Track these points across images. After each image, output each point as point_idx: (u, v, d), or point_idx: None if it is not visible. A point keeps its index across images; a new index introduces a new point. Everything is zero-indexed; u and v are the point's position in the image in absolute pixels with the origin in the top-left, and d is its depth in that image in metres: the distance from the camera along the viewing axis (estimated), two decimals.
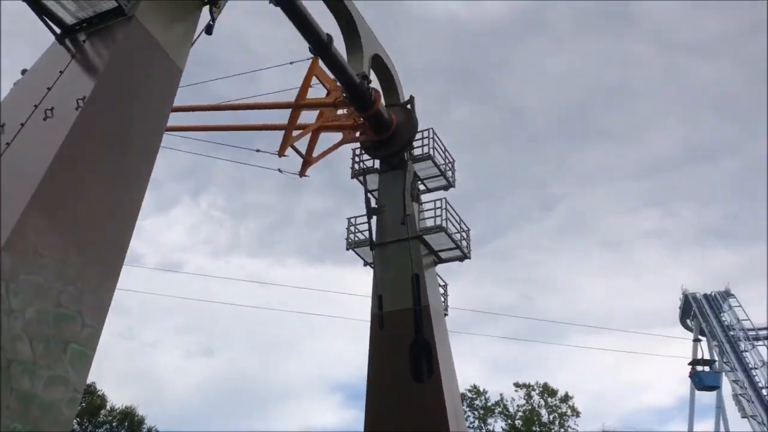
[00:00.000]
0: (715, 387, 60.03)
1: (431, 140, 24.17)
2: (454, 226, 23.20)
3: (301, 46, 19.26)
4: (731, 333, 60.81)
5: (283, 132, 20.80)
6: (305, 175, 22.14)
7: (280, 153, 20.94)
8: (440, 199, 23.25)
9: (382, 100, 22.42)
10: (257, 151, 21.55)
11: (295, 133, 21.08)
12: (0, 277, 8.10)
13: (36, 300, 8.55)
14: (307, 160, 21.89)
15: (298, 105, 20.44)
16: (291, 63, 20.38)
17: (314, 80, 20.28)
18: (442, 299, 23.77)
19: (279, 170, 22.06)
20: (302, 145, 21.68)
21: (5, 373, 7.86)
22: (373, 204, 23.11)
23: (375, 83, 22.66)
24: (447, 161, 24.99)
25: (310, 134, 21.57)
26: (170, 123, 15.24)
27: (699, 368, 59.36)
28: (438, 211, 22.86)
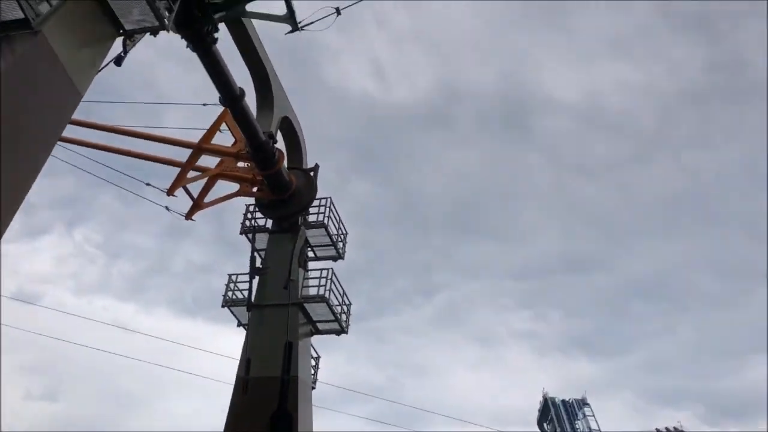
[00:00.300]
0: None
1: (328, 209, 24.22)
2: (336, 298, 23.03)
3: (210, 95, 19.06)
4: None
5: (177, 170, 20.26)
6: (191, 219, 21.47)
7: (170, 191, 20.30)
8: (327, 269, 23.11)
9: (285, 162, 22.38)
10: (147, 184, 20.80)
11: (192, 174, 20.58)
12: None
13: None
14: (198, 204, 21.28)
15: (201, 148, 20.03)
16: (204, 105, 20.09)
17: (224, 127, 20.05)
18: (312, 371, 23.28)
19: (166, 208, 21.32)
20: (195, 188, 21.16)
21: None
22: (258, 264, 22.64)
23: (281, 144, 22.65)
24: (340, 233, 25.05)
25: (206, 179, 21.09)
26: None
27: None
28: (323, 281, 22.66)
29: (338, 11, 15.13)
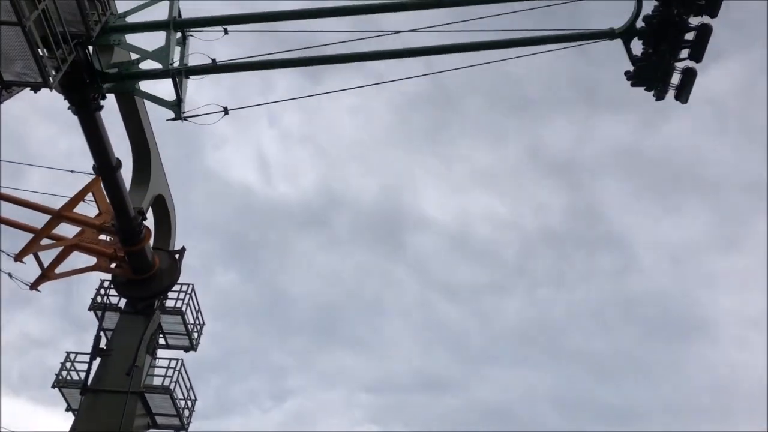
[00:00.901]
0: None
1: (188, 296, 23.30)
2: (182, 391, 21.71)
3: (84, 160, 18.32)
4: None
5: (31, 236, 18.95)
6: (37, 290, 19.90)
7: (19, 257, 18.87)
8: (177, 360, 21.86)
9: (151, 240, 21.54)
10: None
11: (46, 242, 19.28)
12: None
13: None
14: (46, 274, 19.81)
15: (62, 215, 18.93)
16: (72, 171, 19.17)
17: (90, 197, 19.15)
18: None
19: (9, 275, 19.60)
20: (48, 257, 19.76)
21: None
22: (103, 344, 21.10)
23: (150, 222, 21.86)
24: (197, 323, 24.01)
25: (61, 248, 19.79)
26: None
27: None
28: (170, 372, 21.37)
29: (226, 111, 15.23)
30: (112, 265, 21.03)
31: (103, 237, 20.47)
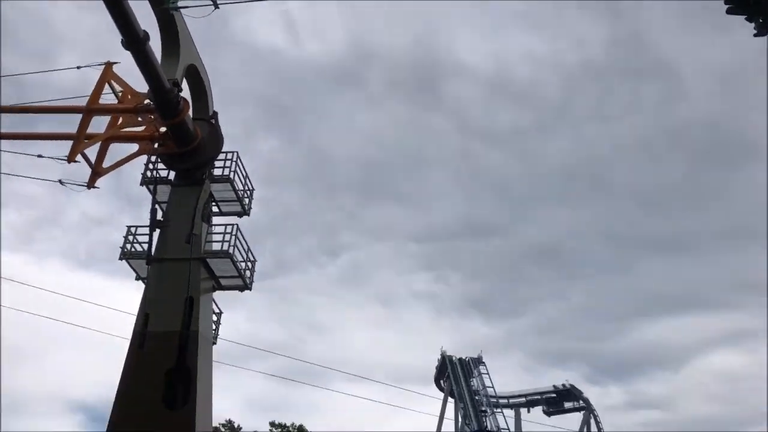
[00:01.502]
0: None
1: (234, 163, 23.68)
2: (241, 254, 22.69)
3: (111, 38, 18.06)
4: (476, 398, 65.86)
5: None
6: (94, 186, 20.28)
7: (71, 158, 19.08)
8: (232, 225, 22.67)
9: (190, 111, 21.63)
10: (39, 156, 19.48)
11: (89, 141, 19.47)
12: None
13: None
14: (97, 171, 20.12)
15: (90, 109, 18.84)
16: (78, 68, 18.90)
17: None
18: (214, 327, 22.99)
19: (60, 182, 20.01)
20: (93, 153, 20.02)
21: None
22: (159, 216, 21.91)
23: (186, 94, 21.81)
24: (246, 188, 24.59)
25: (100, 143, 19.96)
26: None
27: None
28: (227, 237, 22.24)
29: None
30: (156, 146, 21.31)
31: (141, 119, 20.51)
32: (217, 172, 23.39)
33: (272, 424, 69.47)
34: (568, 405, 73.02)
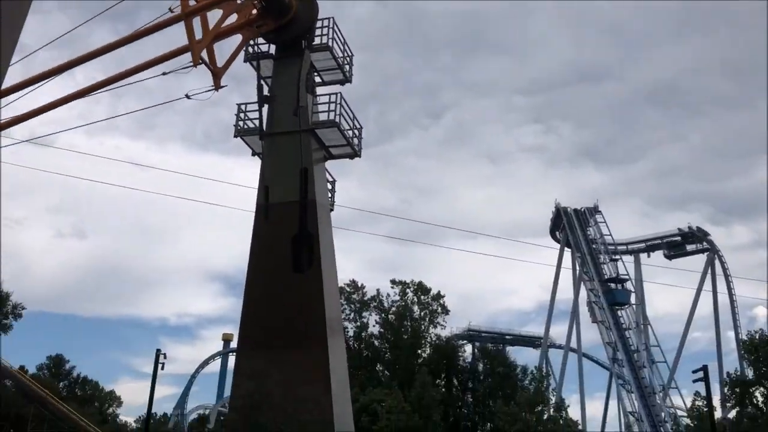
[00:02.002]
0: (625, 303, 64.64)
1: (331, 30, 23.42)
2: (347, 122, 23.00)
3: None
4: (593, 246, 65.68)
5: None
6: (221, 87, 20.33)
7: (195, 62, 19.24)
8: (335, 94, 22.84)
9: None
10: (164, 74, 19.73)
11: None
12: None
13: None
14: (216, 73, 20.26)
15: (188, 13, 18.74)
16: None
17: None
18: (329, 195, 23.88)
19: (187, 96, 20.34)
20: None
21: None
22: (266, 92, 22.36)
23: None
24: (345, 55, 24.43)
25: (211, 42, 20.01)
26: None
27: (612, 286, 63.36)
28: (332, 106, 22.50)
29: None
30: (255, 28, 21.27)
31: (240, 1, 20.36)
32: (315, 41, 23.27)
33: (393, 281, 73.06)
34: (690, 248, 71.52)
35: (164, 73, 19.34)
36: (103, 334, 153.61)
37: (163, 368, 27.70)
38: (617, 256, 66.17)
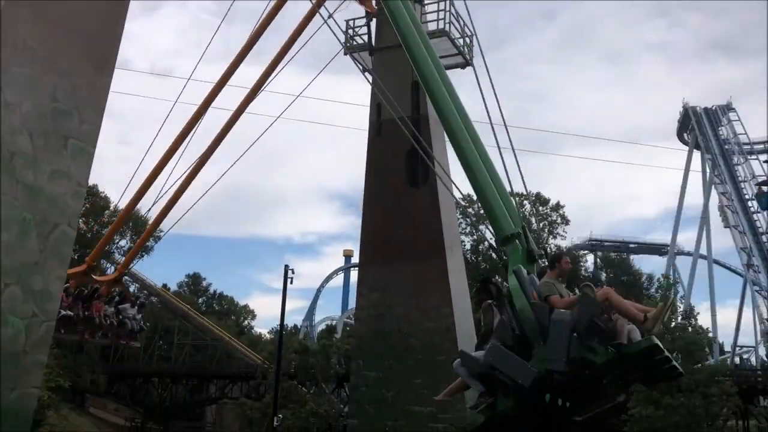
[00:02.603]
0: None
1: None
2: (457, 30, 22.32)
3: None
4: (726, 147, 61.40)
5: None
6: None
7: None
8: (444, 1, 22.13)
9: None
10: None
11: None
12: None
13: (31, 93, 8.42)
14: None
15: None
16: None
17: None
18: None
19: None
20: None
21: (8, 165, 7.94)
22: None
23: None
24: None
25: None
26: None
27: (765, 189, 59.44)
28: (441, 14, 21.86)
29: None
30: None
31: None
32: None
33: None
34: None
35: None
36: (235, 252, 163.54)
37: (291, 283, 29.21)
38: (753, 156, 61.65)
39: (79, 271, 16.88)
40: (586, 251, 77.80)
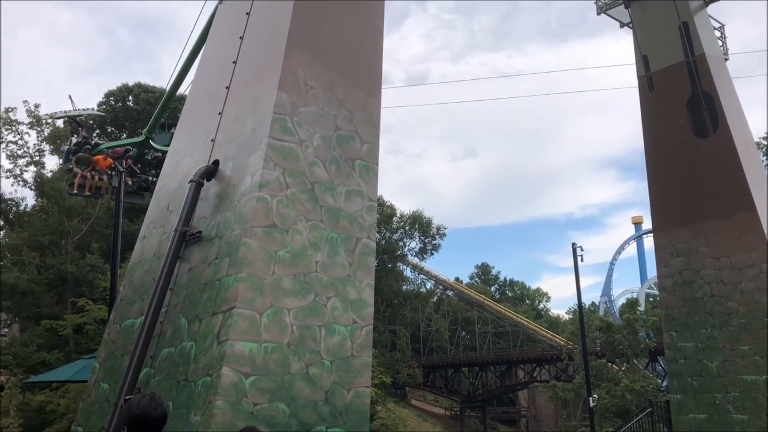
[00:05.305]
0: None
1: None
2: None
3: None
4: None
5: None
6: None
7: None
8: None
9: None
10: None
11: None
12: (286, 116, 9.03)
13: (318, 127, 9.44)
14: None
15: None
16: None
17: None
18: (720, 44, 21.07)
19: None
20: None
21: (311, 194, 9.00)
22: None
23: None
24: None
25: None
26: None
27: None
28: None
29: None
30: None
31: None
32: None
33: None
34: None
35: None
36: (517, 237, 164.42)
37: (582, 260, 28.38)
38: None
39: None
40: None
